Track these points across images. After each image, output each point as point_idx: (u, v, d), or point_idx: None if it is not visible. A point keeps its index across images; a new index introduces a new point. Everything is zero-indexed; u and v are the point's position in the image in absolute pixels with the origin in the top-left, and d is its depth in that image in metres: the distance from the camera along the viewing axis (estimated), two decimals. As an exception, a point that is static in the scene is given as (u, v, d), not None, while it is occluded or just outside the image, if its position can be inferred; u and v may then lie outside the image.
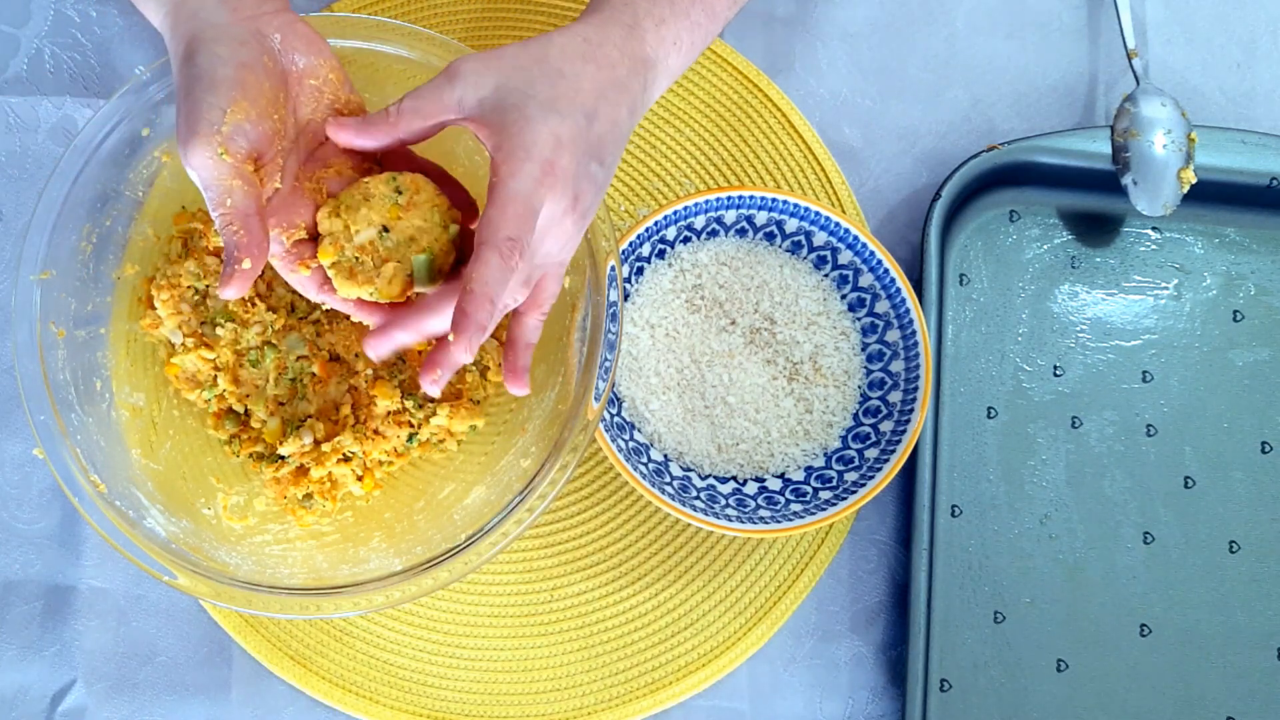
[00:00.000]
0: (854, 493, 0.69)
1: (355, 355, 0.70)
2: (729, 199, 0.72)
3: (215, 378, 0.69)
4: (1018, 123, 0.82)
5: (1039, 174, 0.78)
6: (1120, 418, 0.77)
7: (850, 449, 0.72)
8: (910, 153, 0.81)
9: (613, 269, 0.63)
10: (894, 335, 0.72)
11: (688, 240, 0.74)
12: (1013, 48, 0.83)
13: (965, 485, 0.75)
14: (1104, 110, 0.82)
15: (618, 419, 0.71)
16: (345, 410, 0.69)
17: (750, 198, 0.72)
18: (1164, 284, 0.79)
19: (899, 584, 0.75)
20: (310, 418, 0.69)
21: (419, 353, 0.71)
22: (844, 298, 0.74)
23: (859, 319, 0.74)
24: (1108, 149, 0.76)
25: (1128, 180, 0.75)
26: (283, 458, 0.68)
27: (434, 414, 0.69)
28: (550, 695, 0.72)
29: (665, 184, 0.79)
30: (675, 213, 0.72)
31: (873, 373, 0.73)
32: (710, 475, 0.72)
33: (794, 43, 0.82)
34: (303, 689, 0.71)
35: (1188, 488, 0.76)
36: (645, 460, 0.70)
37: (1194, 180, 0.76)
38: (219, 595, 0.60)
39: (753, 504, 0.70)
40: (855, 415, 0.73)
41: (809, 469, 0.72)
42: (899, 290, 0.72)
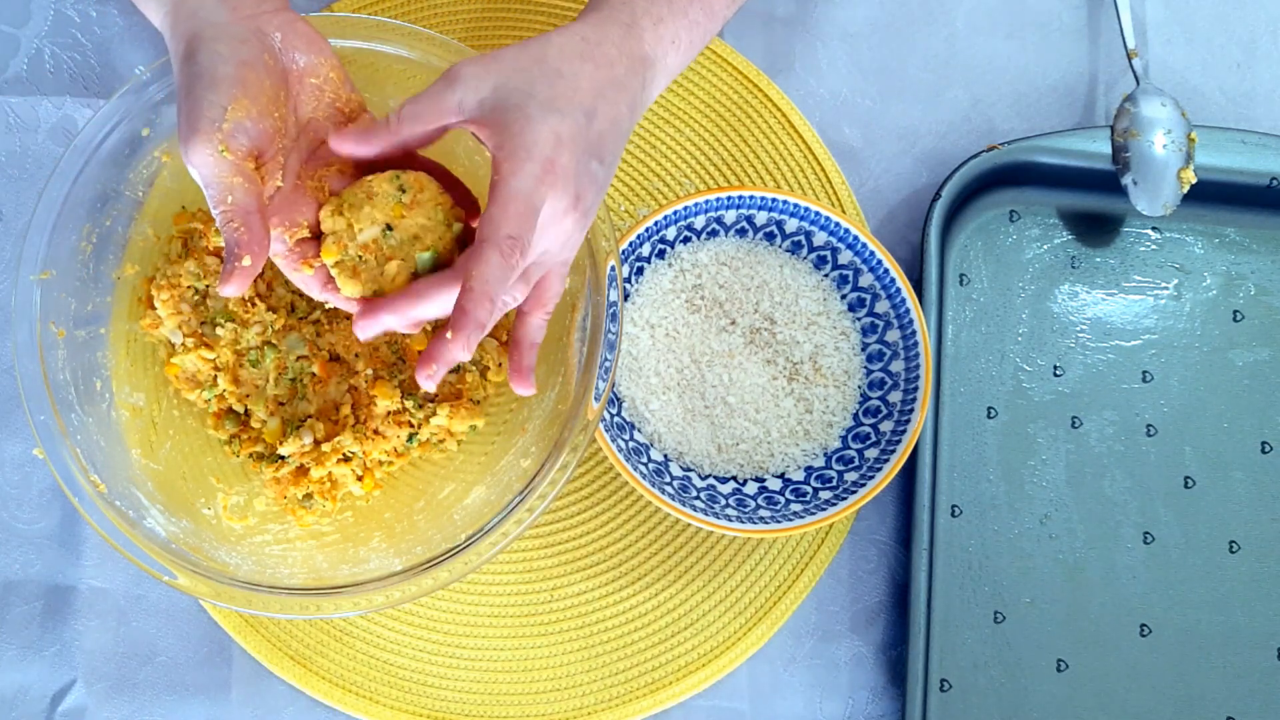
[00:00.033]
0: (854, 493, 0.69)
1: (355, 355, 0.70)
2: (729, 199, 0.72)
3: (215, 378, 0.69)
4: (1018, 123, 0.82)
5: (1039, 174, 0.78)
6: (1120, 418, 0.77)
7: (850, 449, 0.72)
8: (910, 153, 0.81)
9: (613, 269, 0.63)
10: (894, 335, 0.72)
11: (688, 240, 0.74)
12: (1013, 48, 0.83)
13: (965, 485, 0.75)
14: (1104, 110, 0.82)
15: (618, 419, 0.71)
16: (345, 410, 0.69)
17: (750, 198, 0.72)
18: (1164, 284, 0.79)
19: (899, 584, 0.75)
20: (310, 418, 0.69)
21: (419, 353, 0.71)
22: (844, 298, 0.74)
23: (859, 319, 0.74)
24: (1108, 149, 0.76)
25: (1128, 180, 0.75)
26: (283, 458, 0.68)
27: (434, 414, 0.69)
28: (550, 695, 0.72)
29: (665, 184, 0.79)
30: (675, 213, 0.72)
31: (873, 373, 0.73)
32: (710, 475, 0.72)
33: (794, 43, 0.82)
34: (303, 689, 0.71)
35: (1188, 488, 0.76)
36: (645, 460, 0.70)
37: (1194, 180, 0.76)
38: (219, 595, 0.60)
39: (753, 504, 0.70)
40: (855, 415, 0.73)
41: (809, 469, 0.72)
42: (899, 290, 0.72)
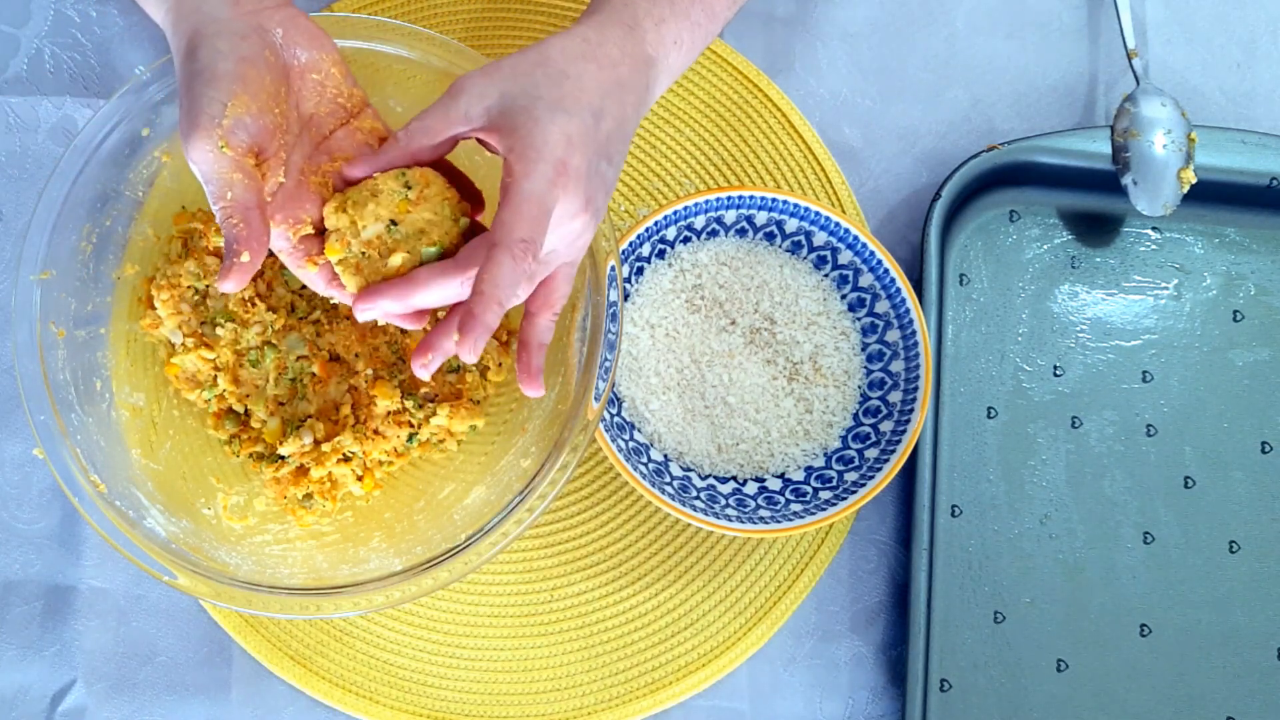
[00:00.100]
0: (854, 493, 0.69)
1: (355, 355, 0.70)
2: (729, 199, 0.72)
3: (215, 378, 0.69)
4: (1018, 123, 0.82)
5: (1039, 174, 0.78)
6: (1120, 418, 0.77)
7: (850, 449, 0.72)
8: (910, 153, 0.81)
9: (613, 269, 0.63)
10: (894, 335, 0.72)
11: (688, 240, 0.74)
12: (1013, 48, 0.83)
13: (965, 485, 0.75)
14: (1104, 110, 0.82)
15: (618, 419, 0.71)
16: (345, 410, 0.69)
17: (750, 198, 0.72)
18: (1164, 284, 0.79)
19: (899, 584, 0.75)
20: (310, 418, 0.69)
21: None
22: (844, 298, 0.74)
23: (859, 319, 0.74)
24: (1108, 149, 0.76)
25: (1128, 180, 0.75)
26: (283, 458, 0.68)
27: (434, 414, 0.69)
28: (550, 695, 0.72)
29: (665, 184, 0.79)
30: (675, 213, 0.72)
31: (873, 373, 0.73)
32: (710, 475, 0.72)
33: (794, 43, 0.82)
34: (303, 689, 0.71)
35: (1188, 488, 0.76)
36: (645, 460, 0.70)
37: (1194, 180, 0.76)
38: (219, 595, 0.60)
39: (753, 504, 0.70)
40: (855, 415, 0.73)
41: (809, 469, 0.72)
42: (899, 290, 0.72)
